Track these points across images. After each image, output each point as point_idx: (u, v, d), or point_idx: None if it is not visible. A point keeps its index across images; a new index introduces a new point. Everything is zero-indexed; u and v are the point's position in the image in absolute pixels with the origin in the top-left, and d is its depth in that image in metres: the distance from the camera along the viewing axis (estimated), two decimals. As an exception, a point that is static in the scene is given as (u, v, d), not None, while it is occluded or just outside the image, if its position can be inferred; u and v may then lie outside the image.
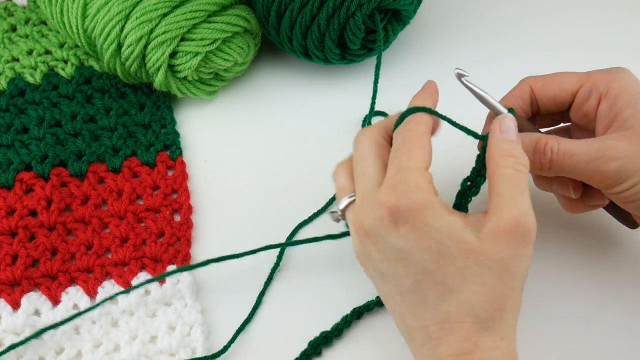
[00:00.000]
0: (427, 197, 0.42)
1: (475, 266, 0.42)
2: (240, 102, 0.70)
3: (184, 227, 0.60)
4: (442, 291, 0.43)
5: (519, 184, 0.43)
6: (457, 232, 0.42)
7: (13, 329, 0.54)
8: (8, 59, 0.70)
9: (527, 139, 0.48)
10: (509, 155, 0.44)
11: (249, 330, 0.55)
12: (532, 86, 0.51)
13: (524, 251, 0.42)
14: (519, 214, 0.42)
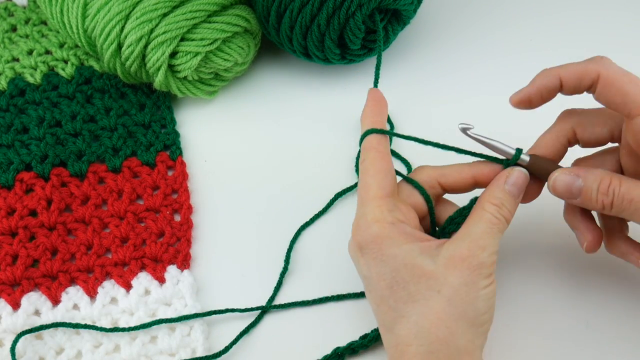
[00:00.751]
0: (382, 229, 0.46)
1: (425, 290, 0.44)
2: (240, 102, 0.70)
3: (184, 227, 0.60)
4: (394, 316, 0.45)
5: (490, 228, 0.46)
6: (413, 259, 0.45)
7: (13, 329, 0.54)
8: (8, 59, 0.70)
9: (592, 176, 0.47)
10: (496, 204, 0.47)
11: (251, 332, 0.55)
12: (600, 77, 0.46)
13: (477, 281, 0.44)
14: (477, 246, 0.44)
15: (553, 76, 0.48)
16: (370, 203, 0.47)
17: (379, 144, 0.50)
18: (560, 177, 0.48)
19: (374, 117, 0.51)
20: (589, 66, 0.47)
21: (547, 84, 0.48)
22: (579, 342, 0.53)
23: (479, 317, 0.44)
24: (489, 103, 0.68)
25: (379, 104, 0.52)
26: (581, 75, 0.47)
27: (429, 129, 0.66)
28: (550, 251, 0.58)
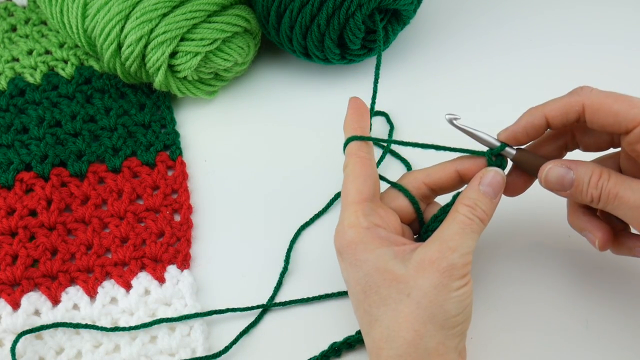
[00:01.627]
0: (357, 234, 0.47)
1: (396, 294, 0.44)
2: (240, 102, 0.70)
3: (184, 227, 0.60)
4: (369, 320, 0.46)
5: (462, 228, 0.46)
6: (385, 264, 0.45)
7: (13, 329, 0.54)
8: (8, 59, 0.70)
9: (583, 168, 0.47)
10: (469, 205, 0.47)
11: (251, 332, 0.55)
12: (586, 107, 0.46)
13: (447, 283, 0.44)
14: (447, 248, 0.45)
15: (538, 115, 0.48)
16: (348, 208, 0.48)
17: (360, 150, 0.50)
18: (554, 169, 0.48)
19: (355, 124, 0.51)
20: (571, 100, 0.47)
21: (533, 123, 0.48)
22: (578, 341, 0.53)
23: (449, 320, 0.44)
24: (488, 103, 0.68)
25: (360, 111, 0.52)
26: (566, 110, 0.47)
27: (429, 129, 0.67)
28: (550, 251, 0.58)
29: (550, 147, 0.51)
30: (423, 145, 0.52)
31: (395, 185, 0.52)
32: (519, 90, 0.69)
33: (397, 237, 0.48)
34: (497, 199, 0.49)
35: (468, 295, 0.45)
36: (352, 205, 0.48)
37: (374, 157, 0.51)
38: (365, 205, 0.48)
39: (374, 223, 0.47)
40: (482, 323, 0.54)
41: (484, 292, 0.56)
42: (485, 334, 0.54)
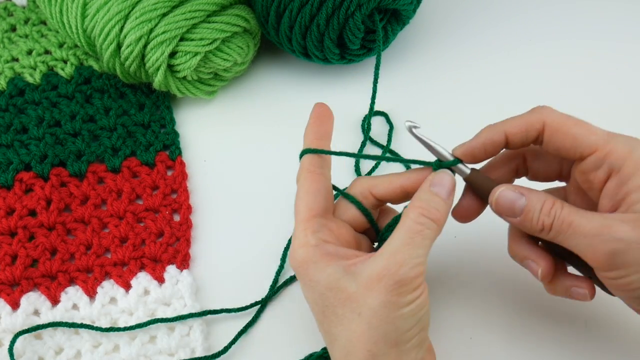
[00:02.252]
0: (306, 253, 0.45)
1: (349, 313, 0.43)
2: (240, 102, 0.70)
3: (184, 227, 0.60)
4: (330, 340, 0.45)
5: (411, 238, 0.44)
6: (336, 282, 0.44)
7: (12, 329, 0.54)
8: (8, 59, 0.70)
9: (536, 196, 0.46)
10: (420, 205, 0.45)
11: (250, 331, 0.55)
12: (546, 126, 0.46)
13: (396, 300, 0.42)
14: (393, 263, 0.43)
15: (498, 131, 0.47)
16: (298, 227, 0.47)
17: (311, 164, 0.49)
18: (505, 192, 0.46)
19: (313, 134, 0.50)
20: (532, 117, 0.47)
21: (492, 139, 0.47)
22: (578, 341, 0.53)
23: (402, 336, 0.43)
24: (488, 103, 0.68)
25: (321, 119, 0.51)
26: (526, 128, 0.46)
27: (428, 129, 0.67)
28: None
29: (502, 169, 0.50)
30: (370, 157, 0.51)
31: (346, 196, 0.50)
32: (519, 89, 0.69)
33: (347, 251, 0.46)
34: (450, 201, 0.47)
35: (422, 307, 0.44)
36: (301, 223, 0.47)
37: (329, 168, 0.50)
38: (314, 221, 0.47)
39: (323, 239, 0.46)
40: (482, 323, 0.54)
41: (484, 292, 0.56)
42: (485, 334, 0.54)
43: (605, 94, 0.69)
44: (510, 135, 0.47)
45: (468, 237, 0.59)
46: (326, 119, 0.51)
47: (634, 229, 0.42)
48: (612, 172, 0.44)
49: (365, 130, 0.66)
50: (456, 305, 0.55)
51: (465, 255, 0.58)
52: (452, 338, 0.54)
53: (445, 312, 0.55)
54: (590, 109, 0.68)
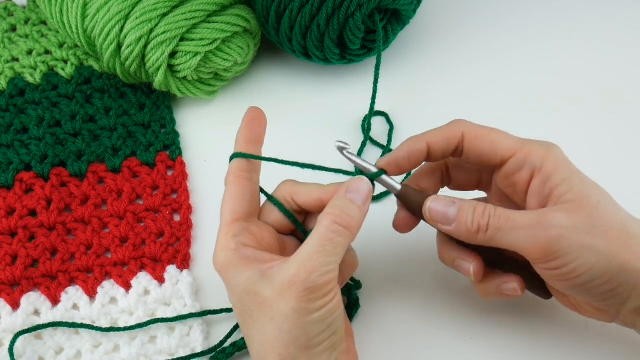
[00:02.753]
0: (226, 257, 0.46)
1: (263, 317, 0.44)
2: (240, 102, 0.70)
3: (184, 227, 0.60)
4: (249, 342, 0.47)
5: (322, 246, 0.44)
6: (253, 286, 0.45)
7: (13, 329, 0.54)
8: (8, 59, 0.70)
9: (467, 203, 0.47)
10: (333, 212, 0.45)
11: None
12: (465, 134, 0.48)
13: (306, 306, 0.43)
14: (304, 270, 0.43)
15: (420, 142, 0.49)
16: (220, 231, 0.47)
17: (237, 169, 0.49)
18: (436, 203, 0.47)
19: (243, 139, 0.51)
20: (452, 127, 0.48)
21: (415, 148, 0.49)
22: (578, 341, 0.53)
23: (313, 340, 0.44)
24: (488, 102, 0.68)
25: (253, 124, 0.51)
26: (448, 137, 0.48)
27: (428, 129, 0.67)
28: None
29: (428, 180, 0.52)
30: (303, 165, 0.52)
31: (270, 198, 0.51)
32: (519, 89, 0.69)
33: (265, 255, 0.46)
34: (366, 207, 0.47)
35: (333, 311, 0.44)
36: (223, 227, 0.47)
37: (257, 172, 0.50)
38: (236, 225, 0.47)
39: (243, 243, 0.46)
40: (482, 323, 0.54)
41: (483, 292, 0.56)
42: (485, 334, 0.54)
43: (606, 95, 0.69)
44: (432, 144, 0.49)
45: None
46: (258, 123, 0.51)
47: (568, 216, 0.44)
48: (534, 171, 0.46)
49: (366, 130, 0.66)
50: (456, 305, 0.55)
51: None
52: (452, 338, 0.54)
53: (445, 312, 0.55)
54: (590, 109, 0.69)
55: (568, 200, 0.45)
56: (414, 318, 0.55)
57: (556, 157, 0.46)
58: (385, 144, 0.65)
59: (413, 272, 0.57)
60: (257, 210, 0.50)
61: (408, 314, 0.55)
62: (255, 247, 0.47)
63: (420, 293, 0.56)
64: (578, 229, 0.44)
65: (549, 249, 0.44)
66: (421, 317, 0.55)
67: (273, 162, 0.51)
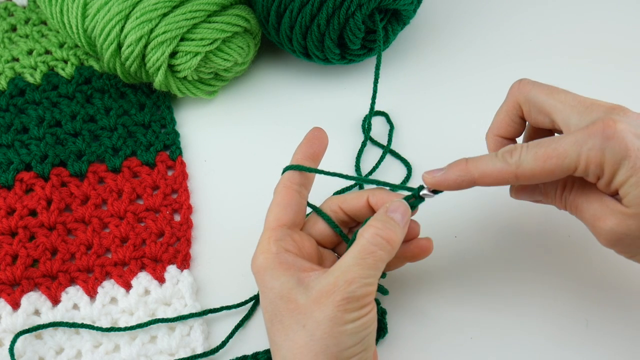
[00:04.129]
0: (265, 260, 0.47)
1: (294, 324, 0.44)
2: (240, 102, 0.70)
3: (184, 227, 0.60)
4: (274, 349, 0.46)
5: (363, 258, 0.44)
6: (288, 292, 0.45)
7: (13, 329, 0.54)
8: (8, 58, 0.70)
9: (551, 188, 0.48)
10: (375, 226, 0.46)
11: (247, 326, 0.55)
12: (520, 177, 0.46)
13: (342, 316, 0.43)
14: (343, 281, 0.44)
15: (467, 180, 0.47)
16: (263, 234, 0.48)
17: (289, 180, 0.50)
18: (521, 193, 0.51)
19: (300, 155, 0.51)
20: (504, 171, 0.46)
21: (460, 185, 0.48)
22: (578, 341, 0.53)
23: (343, 352, 0.44)
24: (488, 102, 0.68)
25: (313, 142, 0.52)
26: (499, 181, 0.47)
27: (428, 129, 0.67)
28: (550, 251, 0.58)
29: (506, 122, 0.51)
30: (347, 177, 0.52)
31: (316, 210, 0.51)
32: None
33: (305, 263, 0.47)
34: (405, 229, 0.47)
35: (367, 326, 0.44)
36: (267, 231, 0.48)
37: (308, 188, 0.51)
38: (279, 230, 0.48)
39: (284, 248, 0.47)
40: (482, 323, 0.54)
41: (484, 292, 0.56)
42: (485, 334, 0.54)
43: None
44: (483, 184, 0.47)
45: (468, 237, 0.59)
46: (318, 142, 0.52)
47: (621, 223, 0.44)
48: (598, 176, 0.45)
49: (366, 130, 0.66)
50: (456, 305, 0.55)
51: (465, 255, 0.58)
52: (452, 338, 0.54)
53: (445, 312, 0.55)
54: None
55: (626, 204, 0.44)
56: (413, 318, 0.55)
57: (612, 157, 0.43)
58: (385, 144, 0.65)
59: (413, 271, 0.57)
60: (301, 223, 0.51)
61: (408, 314, 0.55)
62: (296, 254, 0.47)
63: (420, 293, 0.56)
64: (630, 235, 0.44)
65: (609, 245, 0.46)
66: (421, 316, 0.55)
67: (326, 174, 0.52)
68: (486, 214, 0.60)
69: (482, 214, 0.60)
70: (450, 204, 0.58)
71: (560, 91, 0.47)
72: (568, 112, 0.46)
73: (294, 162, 0.51)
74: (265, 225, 0.49)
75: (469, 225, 0.58)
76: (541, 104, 0.47)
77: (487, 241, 0.58)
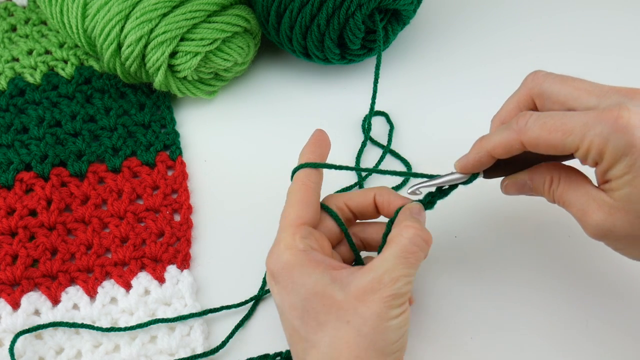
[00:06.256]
0: (293, 257, 0.46)
1: (335, 320, 0.44)
2: (240, 102, 0.70)
3: (184, 227, 0.60)
4: (305, 347, 0.46)
5: (406, 256, 0.45)
6: (323, 288, 0.45)
7: (13, 329, 0.54)
8: (8, 59, 0.70)
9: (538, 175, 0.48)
10: (415, 227, 0.46)
11: (247, 326, 0.55)
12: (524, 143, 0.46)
13: (388, 312, 0.44)
14: (389, 279, 0.44)
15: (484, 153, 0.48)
16: (286, 230, 0.48)
17: (306, 177, 0.50)
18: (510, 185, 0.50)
19: (309, 154, 0.51)
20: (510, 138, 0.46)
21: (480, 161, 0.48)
22: (579, 341, 0.53)
23: (389, 347, 0.44)
24: (489, 102, 0.68)
25: (318, 143, 0.52)
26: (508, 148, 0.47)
27: (428, 129, 0.67)
28: (550, 252, 0.58)
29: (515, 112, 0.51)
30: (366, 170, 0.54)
31: (325, 208, 0.51)
32: (519, 90, 0.69)
33: (332, 261, 0.47)
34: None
35: (406, 322, 0.45)
36: (290, 227, 0.48)
37: (320, 187, 0.51)
38: (303, 228, 0.48)
39: (310, 246, 0.47)
40: (482, 323, 0.54)
41: (484, 292, 0.56)
42: (485, 334, 0.54)
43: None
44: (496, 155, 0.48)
45: (468, 237, 0.59)
46: (324, 144, 0.52)
47: (607, 217, 0.44)
48: (597, 162, 0.44)
49: (366, 130, 0.66)
50: (456, 305, 0.55)
51: (465, 255, 0.58)
52: (452, 338, 0.54)
53: (445, 312, 0.55)
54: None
55: (616, 198, 0.44)
56: (413, 318, 0.55)
57: (614, 149, 0.42)
58: (385, 144, 0.65)
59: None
60: (318, 222, 0.51)
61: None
62: (320, 252, 0.47)
63: (420, 293, 0.56)
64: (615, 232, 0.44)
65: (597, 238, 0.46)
66: (421, 316, 0.55)
67: (341, 169, 0.52)
68: (486, 214, 0.60)
69: (482, 214, 0.60)
70: (450, 204, 0.58)
71: (575, 79, 0.47)
72: (585, 98, 0.45)
73: (305, 161, 0.51)
74: (284, 222, 0.48)
75: (469, 225, 0.58)
76: (556, 93, 0.47)
77: (487, 241, 0.58)
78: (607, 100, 0.44)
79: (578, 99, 0.46)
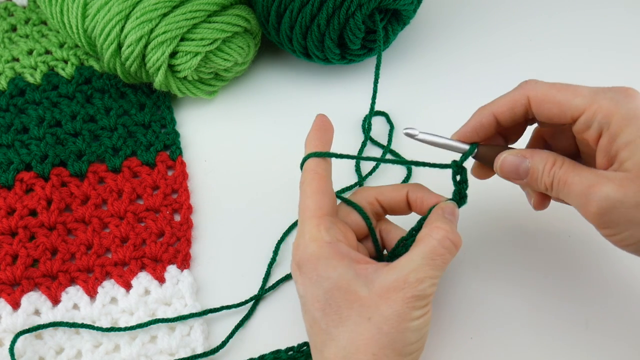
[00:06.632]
0: (319, 248, 0.46)
1: (357, 315, 0.44)
2: (240, 102, 0.70)
3: (184, 227, 0.60)
4: (325, 339, 0.45)
5: (434, 258, 0.45)
6: (347, 283, 0.44)
7: (13, 329, 0.54)
8: (8, 59, 0.70)
9: (539, 157, 0.47)
10: (445, 229, 0.46)
11: (247, 326, 0.55)
12: (531, 99, 0.47)
13: (410, 312, 0.44)
14: (415, 279, 0.44)
15: (486, 114, 0.49)
16: (309, 222, 0.47)
17: (317, 166, 0.49)
18: (508, 158, 0.48)
19: (316, 142, 0.50)
20: (516, 94, 0.48)
21: (481, 122, 0.49)
22: (579, 342, 0.53)
23: (407, 347, 0.44)
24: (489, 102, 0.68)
25: (323, 129, 0.51)
26: (512, 105, 0.48)
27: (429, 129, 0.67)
28: (550, 252, 0.58)
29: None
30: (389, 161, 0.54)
31: (349, 202, 0.51)
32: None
33: (358, 255, 0.46)
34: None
35: (426, 324, 0.45)
36: (313, 218, 0.47)
37: (331, 175, 0.50)
38: (326, 219, 0.47)
39: (336, 237, 0.46)
40: (482, 323, 0.54)
41: (484, 292, 0.56)
42: (485, 334, 0.54)
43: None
44: (499, 115, 0.49)
45: (468, 237, 0.59)
46: (327, 129, 0.52)
47: (619, 188, 0.43)
48: (602, 129, 0.45)
49: (366, 130, 0.66)
50: (456, 305, 0.55)
51: (465, 254, 0.58)
52: (452, 338, 0.54)
53: (445, 312, 0.55)
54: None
55: (626, 169, 0.43)
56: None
57: (626, 113, 0.43)
58: (385, 144, 0.65)
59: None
60: (336, 211, 0.50)
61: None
62: (346, 244, 0.47)
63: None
64: (625, 203, 0.43)
65: (598, 219, 0.44)
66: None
67: (349, 158, 0.51)
68: (486, 214, 0.60)
69: (482, 214, 0.60)
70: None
71: (572, 85, 0.47)
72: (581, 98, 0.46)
73: (312, 150, 0.50)
74: (305, 214, 0.47)
75: (469, 225, 0.58)
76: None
77: (487, 241, 0.58)
78: (603, 94, 0.45)
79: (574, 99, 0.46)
